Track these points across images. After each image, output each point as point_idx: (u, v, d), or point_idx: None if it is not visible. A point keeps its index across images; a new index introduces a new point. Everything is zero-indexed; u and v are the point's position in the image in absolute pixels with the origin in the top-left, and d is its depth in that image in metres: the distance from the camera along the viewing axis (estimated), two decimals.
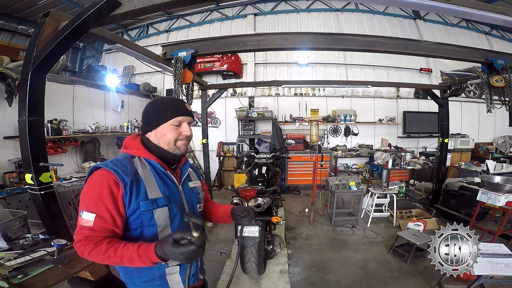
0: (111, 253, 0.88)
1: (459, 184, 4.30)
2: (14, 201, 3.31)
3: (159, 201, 1.00)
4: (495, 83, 2.82)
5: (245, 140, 6.70)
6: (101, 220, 0.93)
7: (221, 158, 6.91)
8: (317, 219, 4.48)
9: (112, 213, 0.94)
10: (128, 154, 1.06)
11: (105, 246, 0.89)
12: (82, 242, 0.92)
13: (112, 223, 0.94)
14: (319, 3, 7.97)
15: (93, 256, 0.90)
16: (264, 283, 2.70)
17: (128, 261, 0.87)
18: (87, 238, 0.92)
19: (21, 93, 1.96)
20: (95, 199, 0.93)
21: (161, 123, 1.06)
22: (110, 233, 0.95)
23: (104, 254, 0.88)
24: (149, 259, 0.86)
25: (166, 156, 1.08)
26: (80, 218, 0.94)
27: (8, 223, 1.57)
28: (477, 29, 8.02)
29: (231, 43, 2.71)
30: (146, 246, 0.87)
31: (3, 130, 3.56)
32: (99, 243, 0.90)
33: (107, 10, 1.66)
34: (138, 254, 0.86)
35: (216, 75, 7.30)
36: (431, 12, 6.70)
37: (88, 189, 0.97)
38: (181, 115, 1.07)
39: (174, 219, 1.04)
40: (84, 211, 0.93)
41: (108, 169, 0.96)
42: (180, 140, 1.07)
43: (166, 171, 1.07)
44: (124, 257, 0.87)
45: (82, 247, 0.91)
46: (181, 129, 1.08)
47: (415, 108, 7.28)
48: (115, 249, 0.88)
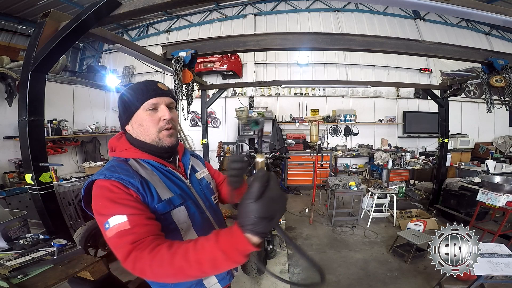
0: (183, 262, 0.63)
1: (459, 184, 4.30)
2: (14, 201, 3.31)
3: (174, 201, 0.87)
4: (495, 83, 2.82)
5: (245, 140, 6.70)
6: (136, 216, 0.74)
7: (221, 158, 6.91)
8: (317, 219, 4.48)
9: (141, 207, 0.78)
10: (119, 157, 0.92)
11: (167, 253, 0.65)
12: (134, 255, 0.67)
13: (148, 211, 0.79)
14: (319, 3, 7.97)
15: (159, 272, 0.64)
16: (264, 283, 2.70)
17: (212, 266, 0.62)
18: (135, 246, 0.68)
19: (21, 93, 1.95)
20: (114, 201, 0.76)
21: (134, 111, 0.90)
22: (153, 226, 0.76)
23: (171, 266, 0.63)
24: (240, 253, 0.60)
25: (154, 151, 0.92)
26: (109, 230, 0.72)
27: (8, 223, 1.57)
28: (477, 29, 8.02)
29: (231, 43, 2.71)
30: (227, 234, 0.62)
31: (3, 130, 3.56)
32: (155, 249, 0.67)
33: (107, 10, 1.65)
34: (223, 251, 0.60)
35: (216, 75, 7.30)
36: (431, 12, 6.69)
37: (97, 200, 0.79)
38: (153, 96, 0.89)
39: (194, 218, 0.92)
40: (109, 220, 0.73)
41: (107, 179, 0.80)
42: (162, 130, 0.90)
43: (167, 167, 0.94)
44: (204, 263, 0.62)
45: (137, 262, 0.66)
46: (158, 113, 0.90)
47: (415, 108, 7.28)
48: (184, 255, 0.63)
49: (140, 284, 1.85)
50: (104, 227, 0.74)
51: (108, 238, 0.73)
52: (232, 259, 0.60)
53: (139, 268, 0.67)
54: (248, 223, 0.58)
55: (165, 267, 0.64)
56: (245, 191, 0.61)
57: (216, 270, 0.64)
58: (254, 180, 0.60)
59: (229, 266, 0.62)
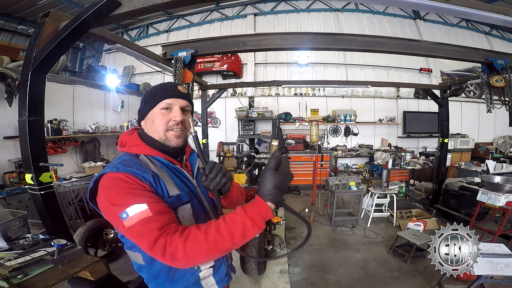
0: (217, 237, 0.70)
1: (459, 184, 4.30)
2: (14, 201, 3.31)
3: (182, 197, 0.89)
4: (495, 83, 2.82)
5: (245, 140, 6.70)
6: (156, 204, 0.76)
7: (221, 158, 6.91)
8: (317, 219, 4.48)
9: (157, 197, 0.80)
10: (130, 152, 0.92)
11: (199, 232, 0.71)
12: (163, 241, 0.69)
13: (163, 202, 0.80)
14: (319, 3, 7.97)
15: (193, 251, 0.69)
16: (264, 283, 2.70)
17: (242, 235, 0.71)
18: (162, 232, 0.71)
19: (21, 93, 1.95)
20: (129, 191, 0.77)
21: (150, 108, 0.94)
22: (172, 214, 0.79)
23: (206, 241, 0.69)
24: (262, 218, 0.72)
25: (162, 149, 0.94)
26: (128, 219, 0.72)
27: (8, 223, 1.57)
28: (477, 29, 8.02)
29: (231, 43, 2.71)
30: (252, 205, 0.73)
31: (3, 130, 3.56)
32: (185, 231, 0.71)
33: (107, 10, 1.65)
34: (251, 219, 0.71)
35: (216, 75, 7.31)
36: (431, 12, 6.69)
37: (110, 191, 0.78)
38: (170, 97, 0.93)
39: (198, 217, 0.93)
40: (127, 209, 0.73)
41: (120, 172, 0.81)
42: (170, 130, 0.92)
43: (175, 165, 0.95)
44: (235, 233, 0.70)
45: (168, 247, 0.69)
46: (170, 114, 0.93)
47: (415, 108, 7.29)
48: (217, 230, 0.71)
49: (140, 284, 1.85)
50: (119, 217, 0.74)
51: (128, 227, 0.73)
52: (258, 225, 0.71)
53: (170, 252, 0.69)
54: (267, 193, 0.73)
55: (200, 244, 0.69)
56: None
57: (245, 238, 0.73)
58: (272, 157, 0.75)
59: (254, 233, 0.72)
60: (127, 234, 0.77)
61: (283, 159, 0.76)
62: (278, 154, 0.76)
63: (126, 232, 0.76)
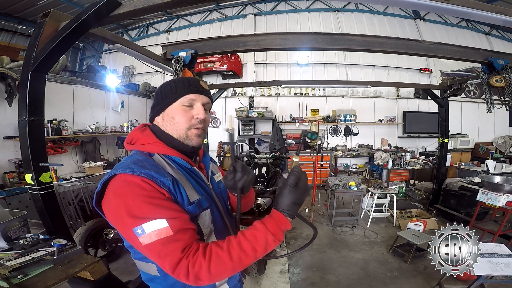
0: (241, 254, 0.69)
1: (459, 184, 4.30)
2: (14, 201, 3.31)
3: (202, 203, 0.83)
4: (495, 83, 2.82)
5: (245, 140, 6.70)
6: (176, 221, 0.70)
7: (221, 158, 6.91)
8: (317, 219, 4.48)
9: (178, 208, 0.75)
10: (142, 151, 0.84)
11: (222, 251, 0.69)
12: (185, 263, 0.66)
13: (184, 212, 0.75)
14: (319, 3, 7.97)
15: (218, 270, 0.68)
16: (264, 283, 2.70)
17: (264, 249, 0.72)
18: (185, 254, 0.67)
19: (21, 93, 1.96)
20: (148, 201, 0.70)
21: (170, 103, 0.86)
22: (193, 230, 0.74)
23: (231, 260, 0.68)
24: (281, 231, 0.74)
25: (179, 148, 0.87)
26: (145, 236, 0.67)
27: (8, 223, 1.57)
28: (477, 29, 8.02)
29: (231, 43, 2.71)
30: (271, 219, 0.74)
31: (3, 130, 3.56)
32: (206, 251, 0.69)
33: (107, 10, 1.65)
34: (273, 233, 0.72)
35: (216, 75, 7.31)
36: (431, 12, 6.69)
37: (126, 199, 0.70)
38: (193, 92, 0.86)
39: (216, 222, 0.88)
40: (144, 225, 0.67)
41: (135, 174, 0.72)
42: (192, 129, 0.86)
43: (192, 167, 0.88)
44: (258, 249, 0.71)
45: (192, 269, 0.66)
46: (193, 111, 0.86)
47: (415, 108, 7.29)
48: (239, 247, 0.70)
49: (140, 284, 1.85)
50: (133, 231, 0.68)
51: (146, 245, 0.68)
52: (278, 239, 0.73)
53: (194, 273, 0.66)
54: (286, 208, 0.75)
55: (225, 264, 0.68)
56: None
57: (266, 252, 0.73)
58: (292, 173, 0.77)
59: (275, 246, 0.74)
60: (143, 251, 0.71)
61: (303, 176, 0.77)
62: (299, 171, 0.77)
63: (142, 249, 0.70)
